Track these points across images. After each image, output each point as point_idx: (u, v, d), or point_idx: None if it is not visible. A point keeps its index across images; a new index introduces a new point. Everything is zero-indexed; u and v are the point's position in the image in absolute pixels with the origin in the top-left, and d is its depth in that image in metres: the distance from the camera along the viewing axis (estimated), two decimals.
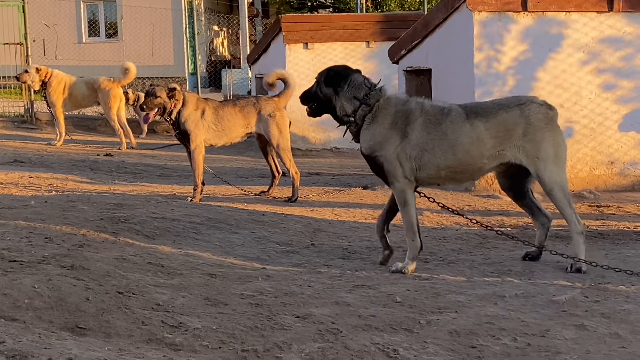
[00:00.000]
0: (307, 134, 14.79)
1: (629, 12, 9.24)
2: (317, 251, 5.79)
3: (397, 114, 5.21)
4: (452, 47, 9.57)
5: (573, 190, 8.89)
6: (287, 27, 14.70)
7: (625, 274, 4.90)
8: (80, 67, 23.44)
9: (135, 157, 12.61)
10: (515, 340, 3.60)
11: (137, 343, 3.38)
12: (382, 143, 5.17)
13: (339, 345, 3.46)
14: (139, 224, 5.83)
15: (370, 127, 5.21)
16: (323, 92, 5.34)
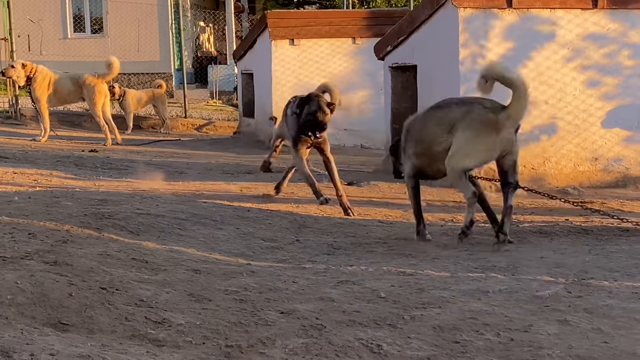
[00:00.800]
0: None
1: (613, 9, 9.28)
2: (302, 247, 5.80)
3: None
4: (437, 44, 9.58)
5: (557, 186, 8.95)
6: (273, 23, 14.70)
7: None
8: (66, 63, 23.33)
9: (121, 153, 12.59)
10: (498, 335, 3.61)
11: (120, 339, 3.37)
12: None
13: (322, 341, 3.47)
14: (123, 220, 5.81)
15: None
16: None
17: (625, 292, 4.39)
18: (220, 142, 15.80)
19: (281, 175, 8.45)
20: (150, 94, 18.33)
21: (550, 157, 9.16)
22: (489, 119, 5.64)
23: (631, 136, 9.39)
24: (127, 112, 17.94)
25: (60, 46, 23.93)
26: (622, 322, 3.81)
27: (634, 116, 9.43)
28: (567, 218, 7.16)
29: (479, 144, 5.68)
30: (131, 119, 17.96)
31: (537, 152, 9.14)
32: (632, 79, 9.43)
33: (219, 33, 28.43)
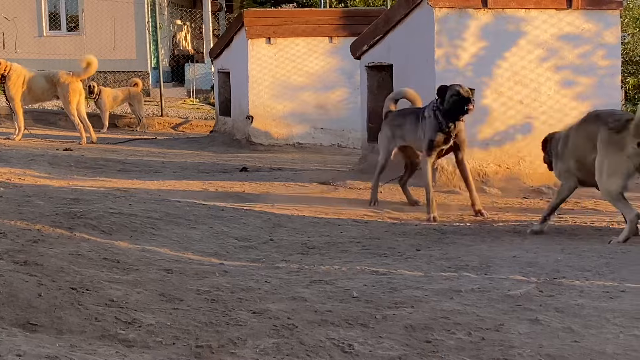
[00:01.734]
0: (270, 129, 14.78)
1: (588, 9, 9.32)
2: (275, 246, 5.78)
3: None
4: (413, 43, 9.59)
5: (532, 185, 8.98)
6: (249, 21, 14.66)
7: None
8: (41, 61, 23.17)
9: (96, 152, 12.52)
10: (469, 334, 3.61)
11: (89, 339, 3.34)
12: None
13: (294, 341, 3.46)
14: (95, 219, 5.78)
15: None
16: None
17: (596, 291, 4.41)
18: (196, 141, 15.75)
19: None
20: (126, 92, 18.25)
21: (525, 156, 9.19)
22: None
23: None
24: (103, 111, 17.85)
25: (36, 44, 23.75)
26: (593, 321, 3.83)
27: None
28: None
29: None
30: (107, 117, 17.87)
31: (512, 152, 9.17)
32: (606, 79, 9.48)
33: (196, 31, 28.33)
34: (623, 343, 3.53)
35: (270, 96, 14.75)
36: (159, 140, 16.15)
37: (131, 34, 23.59)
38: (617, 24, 9.58)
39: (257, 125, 14.76)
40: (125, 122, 19.21)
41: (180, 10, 26.88)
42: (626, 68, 16.30)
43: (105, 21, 23.26)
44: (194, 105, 22.60)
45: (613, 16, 9.47)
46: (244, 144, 14.69)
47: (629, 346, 3.48)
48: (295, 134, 14.90)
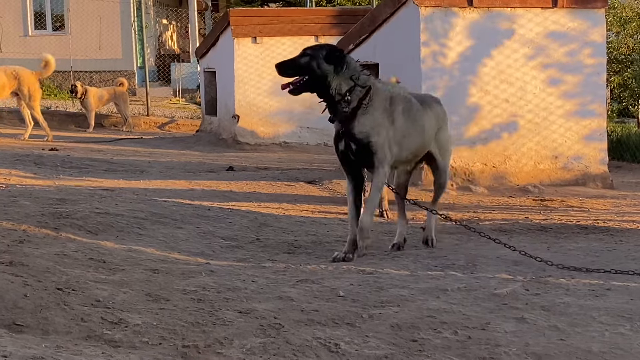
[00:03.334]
0: (256, 128, 14.77)
1: (573, 8, 9.36)
2: (262, 246, 5.78)
3: (386, 100, 5.38)
4: (398, 42, 9.61)
5: (518, 184, 9.01)
6: (235, 21, 14.64)
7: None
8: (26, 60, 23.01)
9: (81, 152, 12.47)
10: (456, 333, 3.62)
11: (75, 340, 3.33)
12: (377, 129, 5.29)
13: (280, 340, 3.45)
14: (81, 220, 5.75)
15: (368, 112, 5.29)
16: (322, 68, 5.26)
17: (582, 289, 4.43)
18: (182, 141, 15.72)
19: (243, 174, 8.41)
20: (111, 92, 18.19)
21: (511, 155, 9.22)
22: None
23: (591, 134, 9.47)
24: (89, 111, 17.80)
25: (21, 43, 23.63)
26: (579, 319, 3.85)
27: (593, 115, 9.52)
28: (527, 216, 7.21)
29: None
30: (93, 117, 17.82)
31: (498, 151, 9.20)
32: (592, 78, 9.52)
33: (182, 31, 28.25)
34: (609, 341, 3.54)
35: (256, 95, 14.74)
36: (145, 139, 16.10)
37: (117, 34, 23.51)
38: (603, 22, 9.63)
39: (243, 124, 14.75)
40: (112, 121, 19.16)
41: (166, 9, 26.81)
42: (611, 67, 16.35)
43: (90, 21, 23.16)
44: (180, 104, 22.55)
45: (598, 15, 9.51)
46: (230, 143, 14.67)
47: (615, 344, 3.50)
48: (282, 133, 14.89)
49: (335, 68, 5.24)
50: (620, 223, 6.82)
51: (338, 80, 5.26)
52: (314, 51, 5.35)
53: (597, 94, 9.57)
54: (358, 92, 5.27)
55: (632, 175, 11.29)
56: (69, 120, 18.90)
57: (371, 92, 5.30)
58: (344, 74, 5.25)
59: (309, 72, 5.30)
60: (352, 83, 5.26)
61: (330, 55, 5.27)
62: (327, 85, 5.27)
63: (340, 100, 5.27)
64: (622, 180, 10.32)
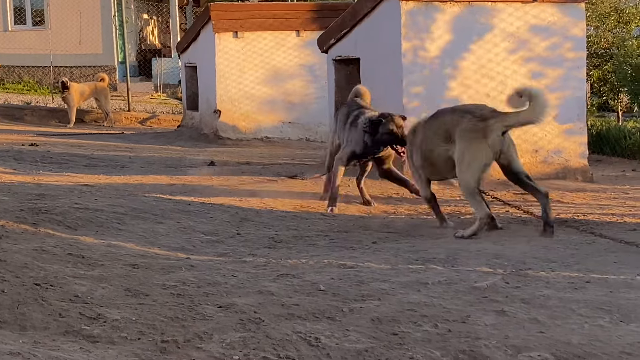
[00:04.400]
0: (238, 123, 14.73)
1: (554, 2, 9.38)
2: (243, 240, 5.76)
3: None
4: (380, 37, 9.60)
5: (499, 178, 9.00)
6: (216, 15, 14.59)
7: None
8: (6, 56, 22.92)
9: (62, 147, 12.40)
10: (436, 326, 3.61)
11: (53, 335, 3.31)
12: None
13: (260, 335, 3.44)
14: (60, 215, 5.72)
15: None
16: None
17: (561, 282, 4.44)
18: (164, 136, 15.66)
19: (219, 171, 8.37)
20: (92, 87, 18.10)
21: None
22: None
23: (571, 128, 9.50)
24: (71, 106, 17.71)
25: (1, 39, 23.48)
26: (558, 311, 3.85)
27: (574, 109, 9.55)
28: (507, 210, 7.22)
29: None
30: (74, 112, 17.73)
31: None
32: (573, 72, 9.54)
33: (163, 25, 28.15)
34: (588, 333, 3.55)
35: (237, 90, 14.70)
36: (126, 135, 16.04)
37: (97, 28, 23.38)
38: (583, 16, 9.65)
39: (224, 119, 14.70)
40: (92, 117, 19.07)
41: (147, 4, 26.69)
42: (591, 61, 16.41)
43: (70, 15, 23.02)
44: (161, 99, 22.47)
45: (579, 9, 9.53)
46: (212, 138, 14.62)
47: (594, 336, 3.51)
48: (264, 128, 14.86)
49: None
50: (600, 216, 6.84)
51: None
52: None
53: (577, 88, 9.59)
54: None
55: (612, 169, 11.33)
56: (49, 116, 18.81)
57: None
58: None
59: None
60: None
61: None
62: None
63: None
64: (602, 174, 10.36)
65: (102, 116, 18.53)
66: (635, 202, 7.80)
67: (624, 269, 4.80)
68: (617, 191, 8.66)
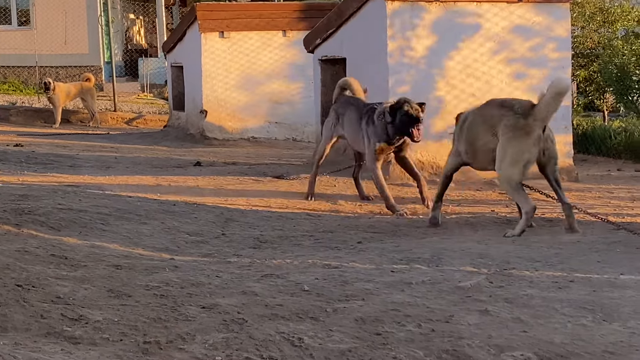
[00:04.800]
0: (224, 123, 14.70)
1: (538, 2, 9.40)
2: (227, 241, 5.75)
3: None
4: (365, 37, 9.60)
5: (484, 178, 9.02)
6: (202, 15, 14.56)
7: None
8: None
9: (47, 147, 12.36)
10: (419, 326, 3.61)
11: (34, 337, 3.29)
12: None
13: (243, 335, 3.43)
14: (44, 215, 5.69)
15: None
16: None
17: (545, 281, 4.44)
18: (150, 136, 15.62)
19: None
20: (78, 87, 18.05)
21: None
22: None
23: (556, 128, 9.50)
24: (56, 107, 17.66)
25: None
26: (542, 311, 3.86)
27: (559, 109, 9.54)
28: (493, 209, 7.23)
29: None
30: (59, 113, 17.69)
31: None
32: (558, 72, 9.53)
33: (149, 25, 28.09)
34: (571, 332, 3.56)
35: (224, 90, 14.67)
36: (112, 135, 16.00)
37: (83, 28, 23.30)
38: (567, 17, 9.67)
39: (211, 119, 14.68)
40: (79, 117, 19.01)
41: (133, 3, 26.62)
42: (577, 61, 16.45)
43: (56, 15, 22.93)
44: (147, 100, 22.41)
45: (563, 9, 9.56)
46: (198, 138, 14.59)
47: (577, 335, 3.51)
48: (250, 128, 14.83)
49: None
50: (584, 215, 6.86)
51: None
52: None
53: None
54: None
55: (597, 168, 11.36)
56: (35, 116, 18.75)
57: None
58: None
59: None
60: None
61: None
62: None
63: None
64: (587, 173, 10.38)
65: (88, 116, 18.47)
66: (619, 202, 7.83)
67: (608, 268, 4.82)
68: (602, 190, 8.68)
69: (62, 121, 17.72)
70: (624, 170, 11.11)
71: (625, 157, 12.38)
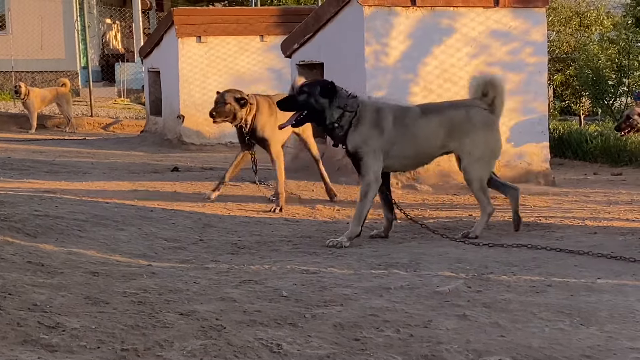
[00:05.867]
0: (202, 128, 14.67)
1: (515, 7, 9.45)
2: (205, 247, 5.73)
3: (373, 113, 6.01)
4: (343, 41, 9.61)
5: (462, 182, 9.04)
6: (179, 20, 14.53)
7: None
8: None
9: (23, 153, 12.28)
10: (398, 331, 3.62)
11: (11, 345, 3.26)
12: (366, 141, 5.93)
13: (221, 342, 3.42)
14: (19, 222, 5.65)
15: (357, 129, 5.93)
16: (319, 102, 5.91)
17: (523, 285, 4.46)
18: (127, 141, 15.55)
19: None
20: (54, 93, 17.96)
21: None
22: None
23: (533, 133, 9.57)
24: (31, 112, 17.57)
25: None
26: (519, 315, 3.88)
27: (536, 113, 9.62)
28: (470, 214, 7.25)
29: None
30: (35, 118, 17.59)
31: None
32: (534, 76, 9.62)
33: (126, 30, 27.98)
34: (548, 337, 3.58)
35: (201, 95, 14.64)
36: (88, 140, 15.92)
37: (59, 33, 23.19)
38: (544, 22, 9.74)
39: (188, 124, 14.64)
40: (54, 122, 18.91)
41: (110, 8, 26.52)
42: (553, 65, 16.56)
43: (32, 20, 22.81)
44: (124, 105, 22.33)
45: (539, 14, 9.62)
46: (176, 143, 14.55)
47: (554, 340, 3.53)
48: (228, 132, 14.76)
49: (329, 101, 5.90)
50: (561, 219, 6.90)
51: (331, 111, 5.91)
52: (310, 88, 5.97)
53: (538, 92, 9.67)
54: (347, 116, 5.92)
55: (574, 172, 11.44)
56: (10, 122, 18.63)
57: (359, 111, 5.93)
58: (335, 104, 5.91)
59: (308, 108, 5.96)
60: (341, 110, 5.91)
61: (324, 91, 5.91)
62: (324, 117, 5.95)
63: (334, 128, 5.94)
64: (564, 177, 10.45)
65: (64, 122, 18.38)
66: (596, 206, 7.88)
67: (585, 272, 4.85)
68: (579, 194, 8.74)
69: (38, 127, 17.63)
70: (600, 174, 11.19)
71: (601, 161, 12.48)
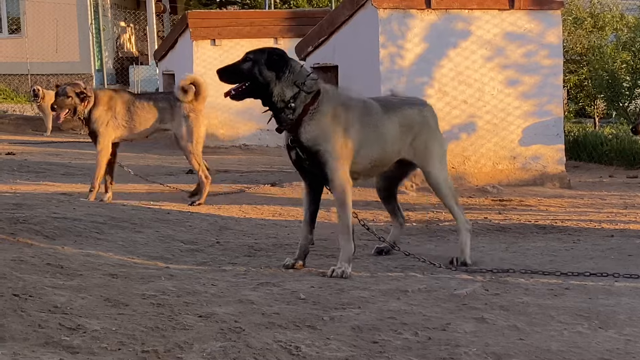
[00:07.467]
0: (216, 130, 14.70)
1: (530, 9, 9.45)
2: (222, 249, 5.74)
3: (338, 106, 4.95)
4: (357, 44, 9.62)
5: (477, 185, 9.06)
6: (193, 23, 14.58)
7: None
8: None
9: (39, 156, 12.34)
10: (416, 334, 3.62)
11: (33, 347, 3.28)
12: (327, 136, 4.85)
13: (241, 344, 3.43)
14: (38, 224, 5.68)
15: (315, 118, 4.86)
16: (263, 74, 4.87)
17: (540, 289, 4.46)
18: (141, 144, 15.56)
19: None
20: None
21: (469, 156, 9.28)
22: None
23: (548, 135, 9.56)
24: (46, 114, 17.64)
25: None
26: (538, 318, 3.88)
27: (551, 115, 9.61)
28: (485, 216, 7.25)
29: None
30: (50, 120, 17.66)
31: (457, 152, 9.24)
32: (549, 78, 9.61)
33: (140, 33, 28.06)
34: (567, 340, 3.57)
35: (215, 98, 14.56)
36: None
37: (74, 36, 23.29)
38: (559, 24, 9.73)
39: None
40: (70, 125, 18.96)
41: (124, 11, 26.60)
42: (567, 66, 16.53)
43: (47, 23, 22.92)
44: None
45: (554, 16, 9.60)
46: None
47: (573, 343, 3.53)
48: (241, 135, 14.85)
49: (277, 74, 4.85)
50: (577, 222, 6.89)
51: (281, 87, 4.86)
52: (255, 55, 4.93)
53: (554, 95, 9.66)
54: (303, 97, 4.85)
55: (589, 175, 11.41)
56: (25, 124, 18.72)
57: (320, 98, 4.89)
58: (287, 80, 4.86)
59: (251, 78, 4.91)
60: (296, 89, 4.85)
61: (271, 60, 4.87)
62: (269, 92, 4.90)
63: (284, 108, 4.89)
64: (579, 180, 10.43)
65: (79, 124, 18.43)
66: (612, 209, 7.86)
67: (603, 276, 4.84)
68: (595, 197, 8.72)
69: (53, 129, 17.69)
70: (615, 177, 11.16)
71: (617, 164, 12.44)
